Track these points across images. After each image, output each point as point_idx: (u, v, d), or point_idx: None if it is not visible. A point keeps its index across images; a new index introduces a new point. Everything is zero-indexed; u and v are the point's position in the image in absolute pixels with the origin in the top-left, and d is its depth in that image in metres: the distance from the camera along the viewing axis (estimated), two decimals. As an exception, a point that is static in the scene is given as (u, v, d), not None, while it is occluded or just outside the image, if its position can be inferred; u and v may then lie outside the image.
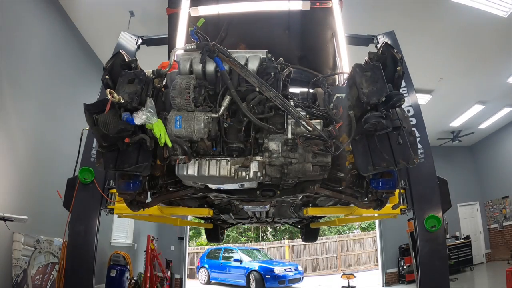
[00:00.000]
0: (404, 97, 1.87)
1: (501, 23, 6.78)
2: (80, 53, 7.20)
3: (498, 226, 12.64)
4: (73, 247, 2.94)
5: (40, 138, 5.57)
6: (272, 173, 2.15)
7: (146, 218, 4.30)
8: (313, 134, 1.97)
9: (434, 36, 7.32)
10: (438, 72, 8.70)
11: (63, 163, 4.64)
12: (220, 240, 6.72)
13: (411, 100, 3.39)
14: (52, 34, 6.11)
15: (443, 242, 3.00)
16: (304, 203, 3.35)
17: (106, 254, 7.99)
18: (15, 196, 4.76)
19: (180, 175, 2.13)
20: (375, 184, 2.15)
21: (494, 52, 7.83)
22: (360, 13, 6.17)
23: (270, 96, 1.90)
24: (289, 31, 3.55)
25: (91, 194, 2.99)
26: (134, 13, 6.44)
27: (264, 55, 2.09)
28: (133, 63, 2.15)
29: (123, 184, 2.24)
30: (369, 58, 2.00)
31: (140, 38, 4.04)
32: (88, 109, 1.95)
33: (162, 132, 1.95)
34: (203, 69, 2.05)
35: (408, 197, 3.04)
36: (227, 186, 2.24)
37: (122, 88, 1.94)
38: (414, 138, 2.09)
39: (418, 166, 2.42)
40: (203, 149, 2.13)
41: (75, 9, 6.56)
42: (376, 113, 1.82)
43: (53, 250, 5.42)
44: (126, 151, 2.06)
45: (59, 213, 3.33)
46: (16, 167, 4.90)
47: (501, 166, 12.37)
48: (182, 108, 2.00)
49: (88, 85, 7.01)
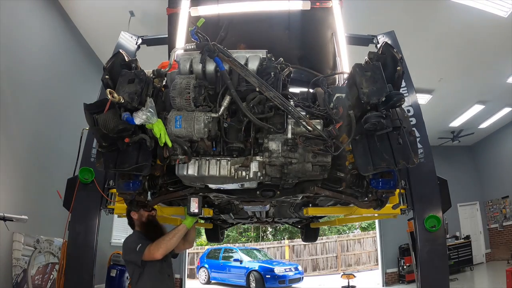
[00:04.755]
0: (404, 97, 1.86)
1: (501, 23, 6.78)
2: (80, 53, 7.20)
3: (498, 226, 12.63)
4: (73, 247, 2.93)
5: (40, 138, 5.57)
6: (272, 173, 2.15)
7: (146, 218, 4.29)
8: (313, 134, 1.97)
9: (434, 36, 7.32)
10: (438, 72, 8.70)
11: (63, 163, 4.64)
12: (220, 240, 6.73)
13: (411, 100, 3.38)
14: (52, 34, 6.11)
15: (443, 242, 3.00)
16: (304, 203, 3.35)
17: (106, 254, 7.98)
18: (15, 196, 4.76)
19: (180, 175, 2.13)
20: (375, 184, 2.15)
21: (494, 52, 7.83)
22: (360, 13, 6.17)
23: (270, 96, 1.90)
24: (289, 31, 3.55)
25: (91, 194, 2.99)
26: (134, 13, 6.44)
27: (264, 55, 2.09)
28: (133, 63, 2.15)
29: (123, 184, 2.25)
30: (369, 58, 2.00)
31: (140, 38, 4.04)
32: (88, 109, 1.95)
33: (162, 132, 1.95)
34: (203, 69, 2.05)
35: (408, 197, 3.04)
36: (227, 186, 2.24)
37: (122, 88, 1.94)
38: (414, 138, 2.09)
39: (418, 166, 2.42)
40: (203, 149, 2.12)
41: (75, 9, 6.56)
42: (376, 113, 1.81)
43: (53, 250, 5.41)
44: (126, 151, 2.06)
45: (59, 213, 3.33)
46: (16, 167, 4.90)
47: (501, 166, 12.37)
48: (182, 108, 2.00)
49: (88, 85, 7.00)
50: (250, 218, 4.30)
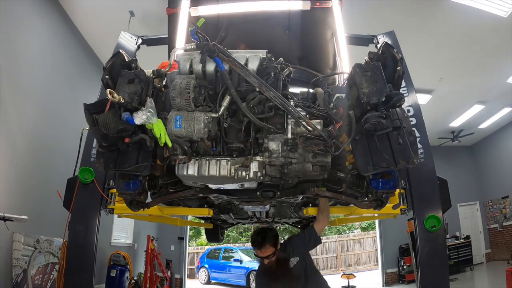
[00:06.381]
0: (404, 97, 1.86)
1: (501, 23, 6.79)
2: (80, 52, 7.20)
3: (498, 226, 12.65)
4: (73, 247, 2.92)
5: (40, 137, 5.57)
6: (272, 173, 2.15)
7: (146, 218, 4.30)
8: (313, 134, 1.96)
9: (434, 36, 7.33)
10: (438, 72, 8.71)
11: (63, 163, 4.64)
12: (220, 240, 6.74)
13: (411, 100, 3.38)
14: (52, 34, 6.11)
15: (443, 242, 3.00)
16: (304, 203, 3.34)
17: (106, 254, 7.99)
18: (15, 196, 4.76)
19: (180, 175, 2.13)
20: (375, 184, 2.14)
21: (494, 52, 7.83)
22: (360, 13, 6.17)
23: (270, 96, 1.89)
24: (289, 31, 3.55)
25: (91, 194, 2.98)
26: (134, 13, 6.45)
27: (264, 55, 2.09)
28: (133, 63, 2.14)
29: (123, 184, 2.24)
30: (369, 58, 2.00)
31: (140, 38, 4.03)
32: (88, 109, 1.94)
33: (162, 132, 1.94)
34: (203, 69, 2.04)
35: (408, 197, 3.03)
36: (227, 186, 2.24)
37: (122, 88, 1.94)
38: (414, 138, 2.08)
39: (418, 166, 2.41)
40: (203, 149, 2.12)
41: (75, 9, 6.56)
42: (376, 113, 1.81)
43: (53, 250, 5.42)
44: (126, 151, 2.05)
45: (59, 213, 3.33)
46: (16, 167, 4.90)
47: (501, 166, 12.38)
48: (182, 108, 2.00)
49: (88, 85, 7.01)
50: (250, 218, 4.30)
